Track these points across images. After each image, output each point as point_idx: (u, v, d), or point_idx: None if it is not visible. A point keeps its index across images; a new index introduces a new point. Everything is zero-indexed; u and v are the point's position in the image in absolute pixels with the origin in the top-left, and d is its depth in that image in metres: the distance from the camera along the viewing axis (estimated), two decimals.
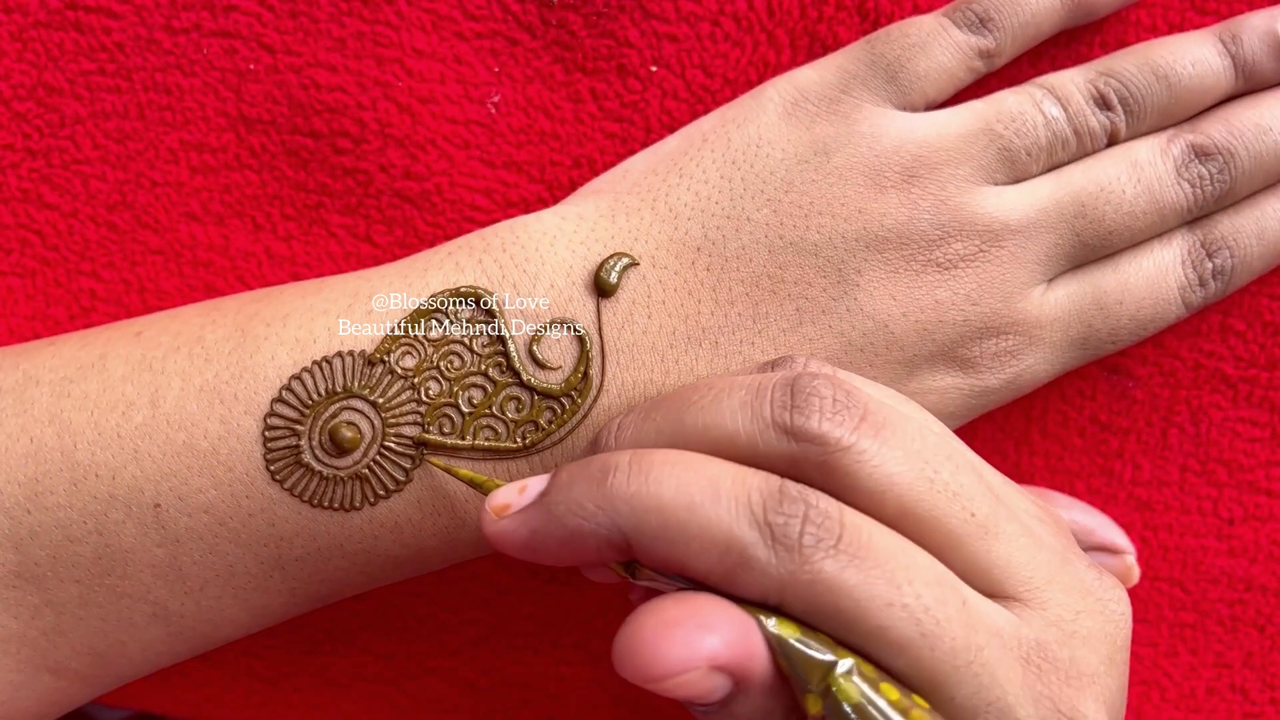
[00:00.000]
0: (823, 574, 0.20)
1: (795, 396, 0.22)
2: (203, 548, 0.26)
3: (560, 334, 0.26)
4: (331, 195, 0.31)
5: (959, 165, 0.27)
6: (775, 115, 0.27)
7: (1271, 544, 0.32)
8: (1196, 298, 0.28)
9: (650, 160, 0.28)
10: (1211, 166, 0.27)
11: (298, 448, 0.25)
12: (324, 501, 0.26)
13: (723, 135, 0.27)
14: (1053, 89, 0.28)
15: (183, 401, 0.25)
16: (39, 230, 0.32)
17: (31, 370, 0.26)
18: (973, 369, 0.27)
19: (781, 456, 0.21)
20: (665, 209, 0.27)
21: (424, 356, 0.26)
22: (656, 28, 0.30)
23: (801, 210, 0.26)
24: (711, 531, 0.20)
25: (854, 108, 0.27)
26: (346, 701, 0.34)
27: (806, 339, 0.26)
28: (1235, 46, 0.28)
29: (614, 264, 0.26)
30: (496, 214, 0.31)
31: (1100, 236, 0.27)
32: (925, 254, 0.26)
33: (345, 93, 0.31)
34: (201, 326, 0.26)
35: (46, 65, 0.31)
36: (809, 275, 0.26)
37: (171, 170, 0.31)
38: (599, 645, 0.34)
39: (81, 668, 0.27)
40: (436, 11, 0.30)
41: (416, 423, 0.26)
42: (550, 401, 0.26)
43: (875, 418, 0.22)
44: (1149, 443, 0.32)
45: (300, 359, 0.26)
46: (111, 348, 0.26)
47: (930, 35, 0.27)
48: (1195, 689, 0.33)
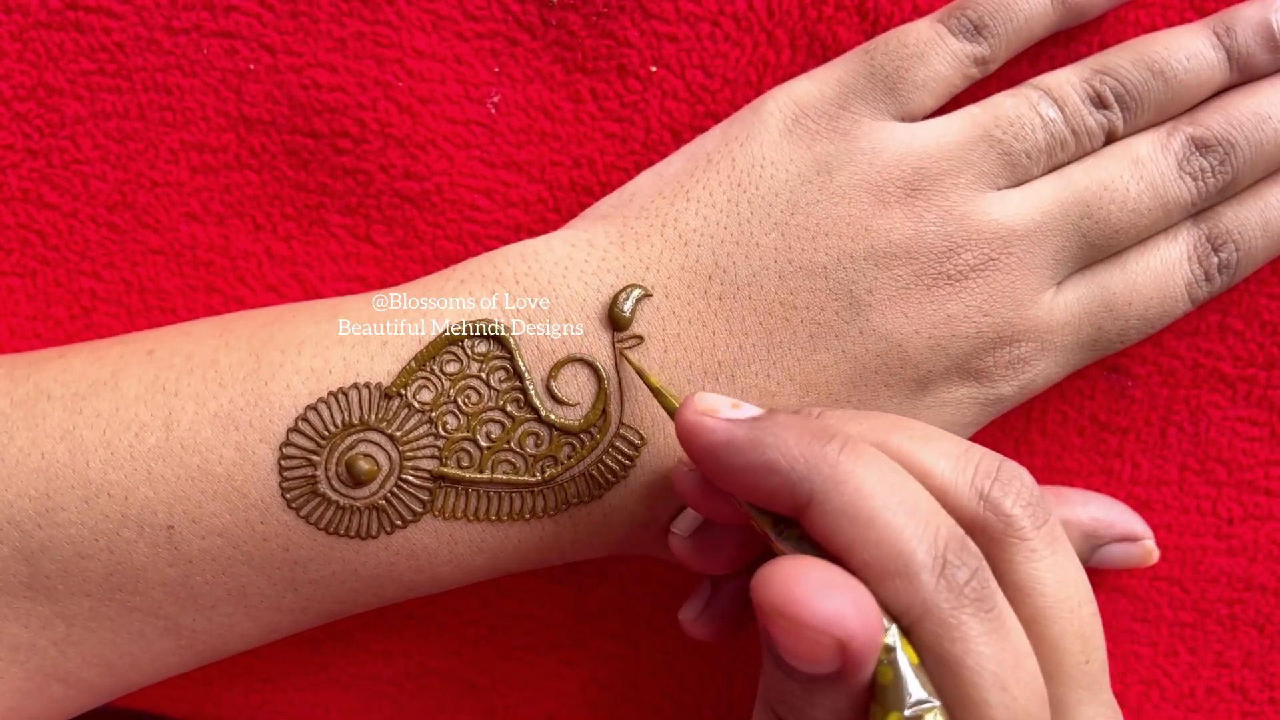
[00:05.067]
0: (967, 626, 0.21)
1: (1001, 473, 0.23)
2: (215, 569, 0.26)
3: (577, 369, 0.26)
4: (332, 195, 0.31)
5: (960, 173, 0.27)
6: (777, 132, 0.27)
7: (1271, 543, 0.32)
8: (1203, 293, 0.28)
9: (656, 183, 0.28)
10: (1212, 158, 0.27)
11: (314, 478, 0.25)
12: (340, 530, 0.26)
13: (727, 155, 0.27)
14: (1048, 90, 0.28)
15: (197, 426, 0.25)
16: (39, 230, 0.32)
17: (42, 383, 0.26)
18: (986, 379, 0.27)
19: (965, 513, 0.22)
20: (675, 235, 0.27)
21: (441, 391, 0.26)
22: (656, 28, 0.30)
23: (809, 232, 0.26)
24: (893, 534, 0.21)
25: (853, 123, 0.27)
26: (347, 701, 0.34)
27: (821, 366, 0.26)
28: (1229, 39, 0.28)
29: (628, 296, 0.26)
30: (496, 214, 0.31)
31: (1106, 236, 0.27)
32: (935, 267, 0.26)
33: (345, 93, 0.31)
34: (215, 349, 0.26)
35: (47, 65, 0.31)
36: (820, 299, 0.26)
37: (172, 170, 0.31)
38: (600, 645, 0.34)
39: (91, 677, 0.27)
40: (436, 12, 0.30)
41: (434, 456, 0.26)
42: (569, 437, 0.26)
43: (1055, 531, 0.23)
44: (1148, 442, 0.32)
45: (316, 389, 0.25)
46: (124, 365, 0.26)
47: (927, 44, 0.27)
48: (1195, 688, 0.33)
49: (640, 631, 0.34)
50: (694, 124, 0.30)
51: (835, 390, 0.27)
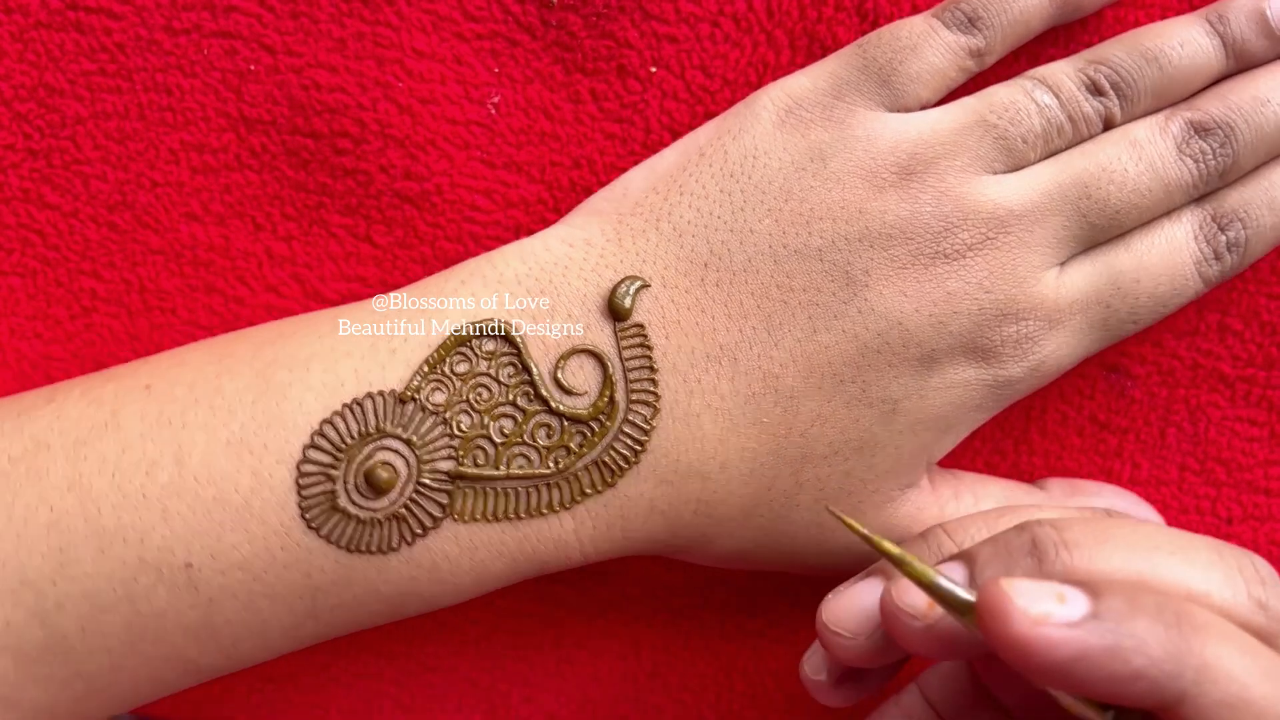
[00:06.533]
0: None
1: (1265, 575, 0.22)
2: (236, 605, 0.25)
3: (582, 359, 0.26)
4: (332, 195, 0.31)
5: (955, 157, 0.27)
6: (770, 124, 0.27)
7: (1270, 543, 0.32)
8: (1213, 271, 0.28)
9: (649, 178, 0.28)
10: (1212, 141, 0.27)
11: (333, 492, 0.25)
12: (361, 546, 0.25)
13: (719, 148, 0.27)
14: (1043, 78, 0.28)
15: (210, 457, 0.25)
16: (40, 230, 0.32)
17: (38, 434, 0.25)
18: (994, 358, 0.27)
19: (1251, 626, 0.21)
20: (670, 228, 0.27)
21: (454, 391, 0.26)
22: (656, 29, 0.30)
23: (802, 217, 0.26)
24: None
25: (848, 113, 0.27)
26: (348, 701, 0.34)
27: (822, 346, 0.26)
28: (1223, 26, 0.28)
29: (627, 288, 0.26)
30: (496, 214, 0.31)
31: (1107, 217, 0.27)
32: (932, 246, 0.26)
33: (345, 93, 0.31)
34: (217, 375, 0.26)
35: (47, 66, 0.31)
36: (817, 281, 0.26)
37: (172, 170, 0.31)
38: (601, 644, 0.34)
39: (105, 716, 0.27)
40: (437, 12, 0.30)
41: (451, 456, 0.26)
42: (579, 426, 0.26)
43: None
44: (1147, 442, 0.32)
45: (329, 403, 0.25)
46: (122, 404, 0.26)
47: (921, 37, 0.27)
48: None
49: (640, 631, 0.34)
50: (694, 124, 0.30)
51: (839, 371, 0.26)
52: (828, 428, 0.27)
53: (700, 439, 0.26)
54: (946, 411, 0.27)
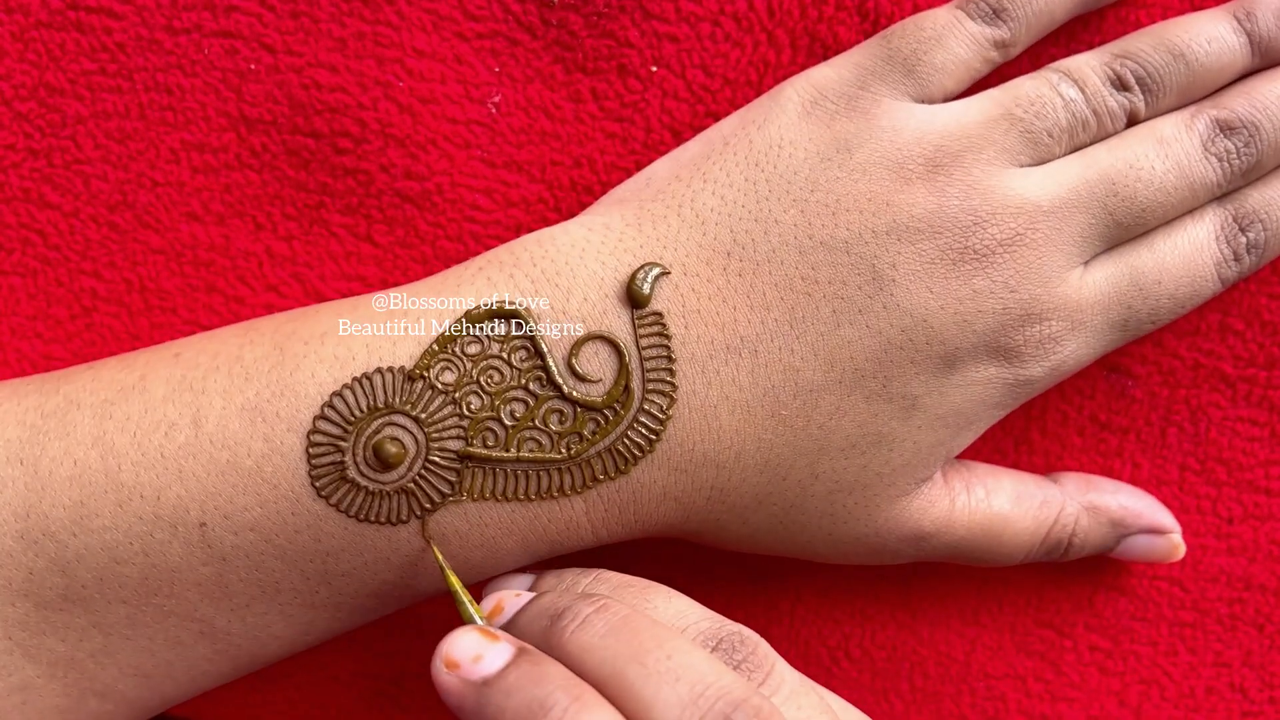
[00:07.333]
0: None
1: None
2: (249, 565, 0.26)
3: (598, 346, 0.26)
4: (332, 195, 0.31)
5: (982, 150, 0.27)
6: (795, 114, 0.27)
7: (1270, 543, 0.32)
8: (1232, 273, 0.28)
9: (673, 166, 0.28)
10: (1237, 140, 0.27)
11: (342, 463, 0.25)
12: (370, 516, 0.26)
13: (744, 137, 0.27)
14: (1069, 72, 0.28)
15: (225, 421, 0.25)
16: (40, 230, 0.32)
17: (72, 393, 0.26)
18: (1016, 358, 0.27)
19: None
20: (692, 215, 0.27)
21: (463, 372, 0.26)
22: (657, 28, 0.30)
23: (828, 208, 0.26)
24: None
25: (873, 103, 0.27)
26: (347, 700, 0.34)
27: (845, 341, 0.26)
28: (1250, 23, 0.28)
29: (646, 274, 0.26)
30: (497, 214, 0.31)
31: (1133, 214, 0.27)
32: (960, 241, 0.26)
33: (346, 93, 0.31)
34: (240, 346, 0.26)
35: (48, 65, 0.31)
36: (842, 274, 0.26)
37: (173, 170, 0.31)
38: None
39: (128, 689, 0.27)
40: (437, 12, 0.30)
41: (460, 436, 0.26)
42: (593, 413, 0.26)
43: None
44: (1148, 442, 0.32)
45: (340, 376, 0.26)
46: (151, 369, 0.26)
47: (945, 28, 0.27)
48: (1194, 688, 0.33)
49: None
50: (694, 124, 0.30)
51: (861, 366, 0.26)
52: (846, 421, 0.27)
53: (717, 430, 0.26)
54: (966, 409, 0.27)
